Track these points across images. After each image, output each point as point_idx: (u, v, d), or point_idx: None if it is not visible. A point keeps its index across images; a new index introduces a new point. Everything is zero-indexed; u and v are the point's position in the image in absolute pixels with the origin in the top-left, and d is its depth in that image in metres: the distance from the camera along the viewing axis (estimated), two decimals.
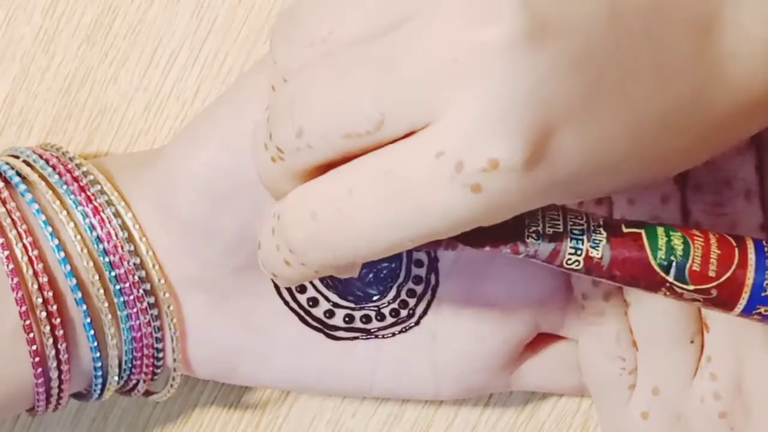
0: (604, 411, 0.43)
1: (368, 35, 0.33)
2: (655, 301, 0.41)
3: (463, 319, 0.43)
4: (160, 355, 0.43)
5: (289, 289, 0.43)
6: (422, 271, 0.43)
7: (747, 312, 0.36)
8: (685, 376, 0.42)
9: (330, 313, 0.43)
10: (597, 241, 0.36)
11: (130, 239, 0.42)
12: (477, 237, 0.35)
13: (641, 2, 0.33)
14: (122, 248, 0.41)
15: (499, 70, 0.31)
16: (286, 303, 0.43)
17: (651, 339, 0.42)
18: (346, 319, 0.43)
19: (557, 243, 0.35)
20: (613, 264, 0.36)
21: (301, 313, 0.43)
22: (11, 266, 0.40)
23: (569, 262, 0.36)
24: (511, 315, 0.43)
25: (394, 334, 0.44)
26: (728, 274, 0.36)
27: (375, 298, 0.43)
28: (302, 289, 0.43)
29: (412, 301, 0.43)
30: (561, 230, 0.36)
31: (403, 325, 0.44)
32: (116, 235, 0.41)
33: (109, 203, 0.42)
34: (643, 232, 0.36)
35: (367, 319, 0.43)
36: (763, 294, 0.36)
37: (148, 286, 0.42)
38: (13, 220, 0.41)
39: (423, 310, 0.43)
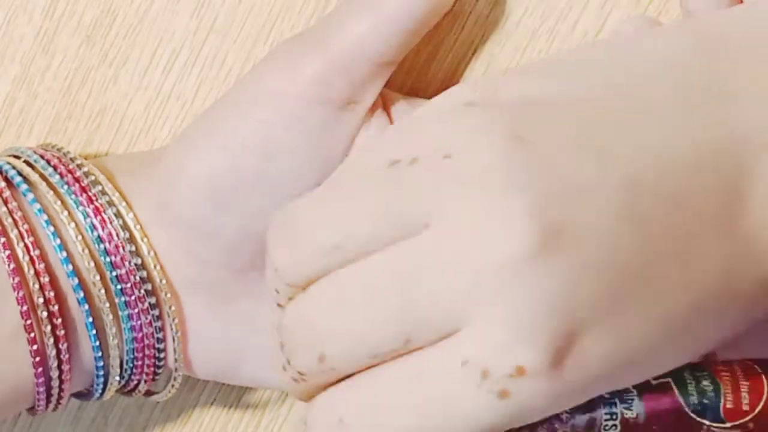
0: None
1: (379, 244, 0.33)
2: None
3: None
4: (162, 355, 0.43)
5: None
6: None
7: None
8: None
9: None
10: (629, 401, 0.35)
11: (132, 240, 0.42)
12: None
13: (662, 191, 0.33)
14: (123, 249, 0.41)
15: (518, 283, 0.31)
16: None
17: None
18: None
19: (592, 413, 0.35)
20: (649, 419, 0.35)
21: None
22: (12, 266, 0.40)
23: (607, 428, 0.35)
24: None
25: None
26: (761, 405, 0.35)
27: None
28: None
29: None
30: (593, 398, 0.35)
31: None
32: (117, 236, 0.41)
33: (111, 204, 0.42)
34: (671, 380, 0.35)
35: None
36: None
37: (149, 287, 0.42)
38: (14, 219, 0.41)
39: None
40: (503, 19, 0.44)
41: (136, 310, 0.42)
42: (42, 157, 0.42)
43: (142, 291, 0.42)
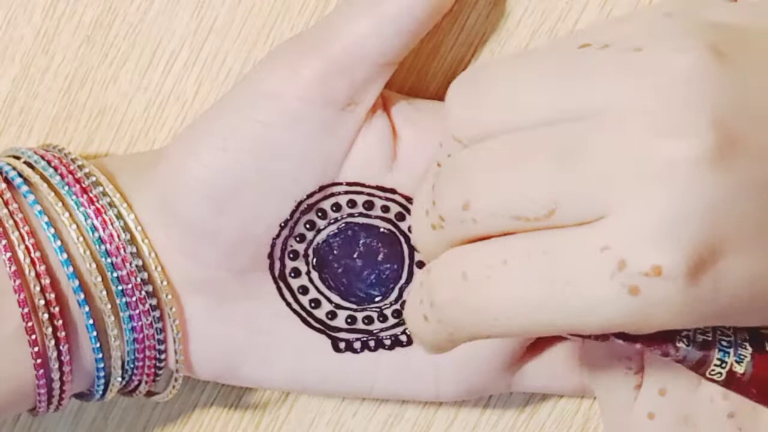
0: (608, 411, 0.43)
1: (552, 117, 0.33)
2: None
3: None
4: (162, 356, 0.43)
5: (291, 291, 0.43)
6: None
7: None
8: (693, 376, 0.42)
9: (332, 315, 0.43)
10: (742, 357, 0.35)
11: (133, 241, 0.42)
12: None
13: None
14: (124, 250, 0.41)
15: (681, 182, 0.31)
16: (288, 305, 0.43)
17: None
18: (348, 320, 0.43)
19: (706, 352, 0.35)
20: (753, 381, 0.35)
21: (303, 314, 0.43)
22: (14, 268, 0.40)
23: (712, 372, 0.35)
24: None
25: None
26: None
27: (377, 299, 0.43)
28: (304, 290, 0.43)
29: None
30: (710, 339, 0.35)
31: (405, 327, 0.43)
32: (118, 237, 0.41)
33: (112, 205, 0.42)
34: None
35: (369, 320, 0.43)
36: None
37: (150, 288, 0.42)
38: (15, 221, 0.41)
39: None
40: (503, 18, 0.44)
41: (137, 312, 0.42)
42: (42, 157, 0.42)
43: (143, 292, 0.42)
